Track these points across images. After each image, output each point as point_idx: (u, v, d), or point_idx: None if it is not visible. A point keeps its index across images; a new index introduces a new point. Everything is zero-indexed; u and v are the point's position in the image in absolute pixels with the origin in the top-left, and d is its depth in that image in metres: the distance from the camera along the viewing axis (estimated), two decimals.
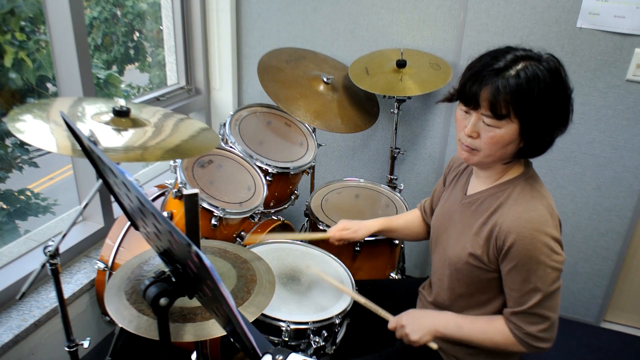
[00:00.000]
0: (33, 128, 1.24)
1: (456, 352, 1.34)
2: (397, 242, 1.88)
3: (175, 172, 1.66)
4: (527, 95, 1.07)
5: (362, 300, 1.43)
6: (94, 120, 1.36)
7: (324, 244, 1.87)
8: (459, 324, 1.28)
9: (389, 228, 1.64)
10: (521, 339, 1.19)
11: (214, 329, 1.09)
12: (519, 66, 1.09)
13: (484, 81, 1.10)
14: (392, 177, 2.35)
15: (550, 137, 1.16)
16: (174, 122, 1.54)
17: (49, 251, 1.31)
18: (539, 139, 1.14)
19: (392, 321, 1.37)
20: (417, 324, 1.31)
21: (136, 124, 1.39)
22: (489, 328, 1.24)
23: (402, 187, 2.29)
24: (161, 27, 2.59)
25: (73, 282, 1.84)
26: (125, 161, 1.24)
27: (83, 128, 1.29)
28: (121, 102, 1.38)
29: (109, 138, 1.30)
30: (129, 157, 1.25)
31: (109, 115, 1.37)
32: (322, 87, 2.14)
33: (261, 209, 1.78)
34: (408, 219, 1.66)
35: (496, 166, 1.23)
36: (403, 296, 1.60)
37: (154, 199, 1.91)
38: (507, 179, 1.23)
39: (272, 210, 2.01)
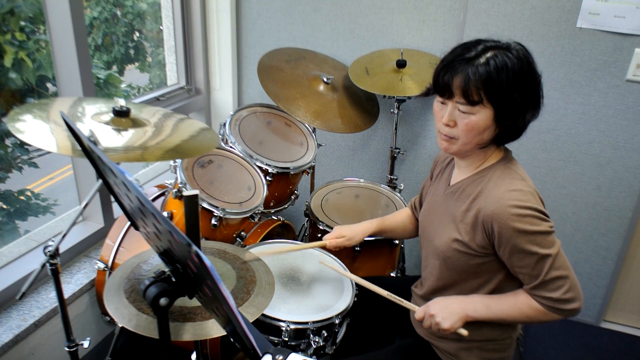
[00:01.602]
0: (33, 128, 1.24)
1: (449, 348, 1.35)
2: (397, 242, 1.88)
3: (175, 172, 1.66)
4: (497, 81, 1.13)
5: (384, 293, 1.41)
6: (94, 120, 1.36)
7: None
8: (487, 304, 1.27)
9: (383, 229, 1.65)
10: (551, 307, 1.20)
11: (214, 329, 1.09)
12: (489, 54, 1.15)
13: (455, 70, 1.15)
14: (392, 177, 2.35)
15: (523, 120, 1.20)
16: (174, 122, 1.54)
17: (49, 251, 1.31)
18: (512, 123, 1.19)
19: (420, 311, 1.33)
20: (447, 311, 1.28)
21: (136, 124, 1.39)
22: (517, 302, 1.24)
23: (402, 187, 2.29)
24: (161, 27, 2.59)
25: (73, 282, 1.84)
26: (125, 161, 1.24)
27: (83, 128, 1.29)
28: (121, 102, 1.38)
29: (109, 138, 1.30)
30: (129, 157, 1.25)
31: (109, 115, 1.37)
32: (322, 87, 2.13)
33: (261, 209, 1.78)
34: (400, 218, 1.68)
35: (475, 154, 1.27)
36: (403, 294, 1.60)
37: (154, 199, 1.91)
38: (487, 165, 1.27)
39: (272, 210, 2.01)
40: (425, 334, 1.42)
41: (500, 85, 1.13)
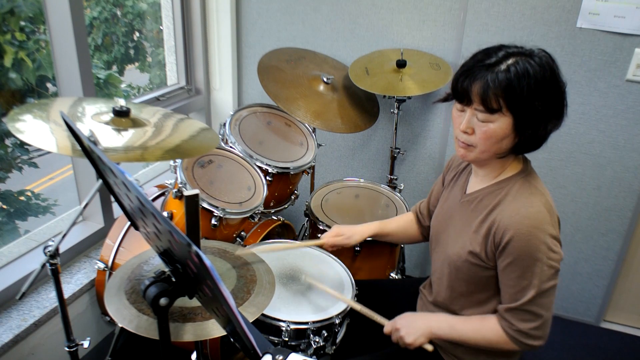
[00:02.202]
0: (33, 128, 1.24)
1: (455, 351, 1.34)
2: None
3: (175, 172, 1.66)
4: (517, 89, 1.09)
5: (357, 307, 1.43)
6: (94, 120, 1.36)
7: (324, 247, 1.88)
8: (452, 324, 1.29)
9: (382, 232, 1.63)
10: (513, 336, 1.19)
11: (214, 329, 1.09)
12: (510, 61, 1.11)
13: (474, 76, 1.12)
14: (392, 177, 2.35)
15: (544, 130, 1.17)
16: (174, 122, 1.54)
17: (49, 251, 1.31)
18: (533, 133, 1.16)
19: (388, 325, 1.37)
20: (411, 326, 1.31)
21: (136, 124, 1.39)
22: (481, 327, 1.25)
23: (402, 187, 2.29)
24: (161, 27, 2.59)
25: (73, 282, 1.84)
26: (125, 161, 1.24)
27: (83, 128, 1.29)
28: (121, 102, 1.38)
29: (109, 138, 1.30)
30: (129, 157, 1.25)
31: (109, 115, 1.37)
32: (322, 87, 2.13)
33: (261, 209, 1.78)
34: (401, 223, 1.66)
35: (493, 163, 1.24)
36: (403, 296, 1.60)
37: (154, 199, 1.91)
38: (506, 176, 1.24)
39: (272, 210, 2.01)
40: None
41: (521, 93, 1.09)
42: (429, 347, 1.31)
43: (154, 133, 1.39)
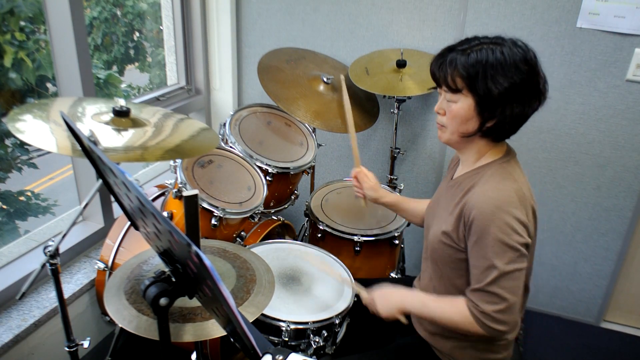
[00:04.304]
0: (33, 128, 1.24)
1: (444, 347, 1.36)
2: (397, 242, 1.88)
3: (175, 172, 1.66)
4: (472, 72, 1.16)
5: (339, 277, 1.50)
6: (94, 120, 1.35)
7: (323, 244, 1.88)
8: (424, 302, 1.32)
9: (400, 206, 1.68)
10: (477, 317, 1.20)
11: (214, 329, 1.09)
12: (476, 47, 1.19)
13: (442, 60, 1.22)
14: (392, 177, 2.35)
15: (504, 115, 1.19)
16: (174, 122, 1.54)
17: (49, 251, 1.31)
18: (491, 116, 1.20)
19: (365, 296, 1.42)
20: (385, 299, 1.36)
21: (136, 124, 1.39)
22: (450, 307, 1.27)
23: (402, 187, 2.29)
24: (161, 27, 2.59)
25: (73, 282, 1.84)
26: (125, 161, 1.24)
27: (83, 128, 1.29)
28: (121, 102, 1.38)
29: (109, 138, 1.30)
30: (129, 157, 1.25)
31: (109, 115, 1.37)
32: (322, 87, 2.13)
33: (261, 209, 1.78)
34: (419, 206, 1.67)
35: (469, 147, 1.30)
36: None
37: (154, 199, 1.91)
38: (485, 162, 1.29)
39: (272, 210, 2.01)
40: (425, 334, 1.42)
41: (476, 76, 1.17)
42: (403, 320, 1.36)
43: (154, 133, 1.39)
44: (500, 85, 1.16)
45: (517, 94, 1.18)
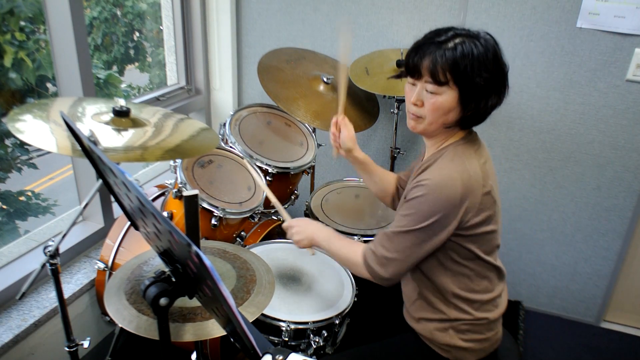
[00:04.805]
0: (33, 128, 1.24)
1: (425, 331, 1.36)
2: None
3: (175, 172, 1.66)
4: (461, 66, 1.19)
5: (273, 199, 1.55)
6: (94, 120, 1.35)
7: None
8: (330, 238, 1.41)
9: (368, 167, 1.63)
10: (365, 253, 1.30)
11: (214, 329, 1.09)
12: (457, 40, 1.21)
13: (424, 52, 1.23)
14: None
15: (485, 105, 1.25)
16: (174, 122, 1.54)
17: (49, 251, 1.31)
18: (476, 106, 1.24)
19: (287, 222, 1.49)
20: (301, 229, 1.45)
21: (136, 124, 1.39)
22: (350, 245, 1.37)
23: None
24: (161, 27, 2.59)
25: (73, 282, 1.84)
26: (125, 161, 1.24)
27: (83, 128, 1.29)
28: (121, 102, 1.38)
29: (109, 138, 1.30)
30: (128, 157, 1.25)
31: (109, 115, 1.37)
32: (322, 87, 2.13)
33: (261, 209, 1.78)
34: (385, 175, 1.66)
35: (439, 134, 1.32)
36: (400, 294, 1.60)
37: (154, 199, 1.91)
38: (446, 144, 1.32)
39: (272, 210, 2.01)
40: (411, 321, 1.41)
41: (465, 69, 1.19)
42: (312, 252, 1.48)
43: (154, 133, 1.39)
44: (484, 77, 1.20)
45: (495, 86, 1.23)
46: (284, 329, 1.39)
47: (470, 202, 1.21)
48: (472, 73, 1.19)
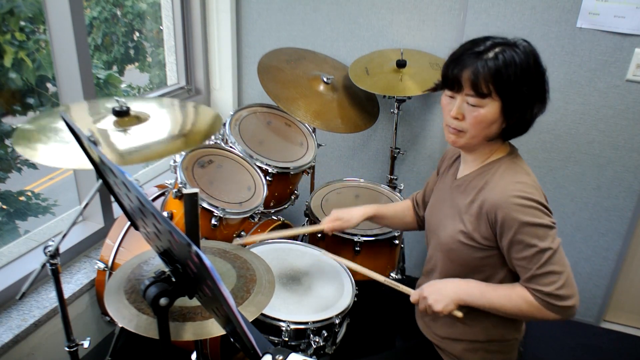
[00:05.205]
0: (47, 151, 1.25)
1: (454, 350, 1.35)
2: (397, 241, 1.88)
3: (175, 172, 1.66)
4: (504, 76, 1.15)
5: (381, 278, 1.41)
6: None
7: (324, 244, 1.88)
8: (482, 290, 1.26)
9: (379, 214, 1.63)
10: (544, 300, 1.18)
11: (214, 329, 1.09)
12: (497, 49, 1.17)
13: (464, 64, 1.18)
14: (392, 177, 2.35)
15: (531, 114, 1.22)
16: (191, 109, 1.61)
17: (49, 251, 1.31)
18: (520, 116, 1.21)
19: (414, 294, 1.34)
20: (440, 293, 1.28)
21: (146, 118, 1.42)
22: (511, 293, 1.23)
23: (402, 187, 2.29)
24: (161, 27, 2.59)
25: (73, 282, 1.84)
26: (173, 152, 1.41)
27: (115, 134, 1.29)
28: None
29: (152, 131, 1.35)
30: (176, 146, 1.35)
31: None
32: (322, 87, 2.13)
33: (261, 209, 1.78)
34: (398, 208, 1.66)
35: (481, 148, 1.28)
36: (403, 296, 1.60)
37: (154, 199, 1.91)
38: (493, 159, 1.29)
39: (272, 210, 2.01)
40: (434, 337, 1.41)
41: (509, 79, 1.15)
42: (459, 314, 1.28)
43: (183, 121, 1.47)
44: (528, 86, 1.17)
45: (539, 93, 1.21)
46: (283, 329, 1.39)
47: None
48: (516, 82, 1.16)
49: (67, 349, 1.45)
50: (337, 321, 1.46)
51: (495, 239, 1.23)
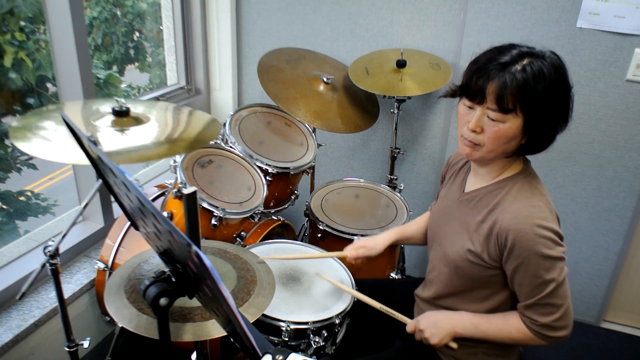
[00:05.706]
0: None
1: (454, 352, 1.34)
2: None
3: (175, 172, 1.66)
4: (533, 90, 1.08)
5: (377, 305, 1.43)
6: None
7: (323, 244, 1.88)
8: (475, 323, 1.27)
9: (404, 237, 1.62)
10: (537, 331, 1.18)
11: (214, 329, 1.09)
12: (525, 61, 1.10)
13: (490, 75, 1.10)
14: (392, 177, 2.35)
15: (553, 132, 1.16)
16: (185, 115, 1.58)
17: (49, 251, 1.31)
18: (542, 135, 1.15)
19: (410, 325, 1.37)
20: (436, 327, 1.31)
21: (154, 120, 1.42)
22: (505, 325, 1.24)
23: (402, 187, 2.29)
24: (161, 27, 2.59)
25: (73, 282, 1.84)
26: (156, 158, 1.36)
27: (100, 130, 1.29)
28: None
29: (135, 137, 1.33)
30: (159, 152, 1.31)
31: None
32: (322, 87, 2.13)
33: (261, 209, 1.78)
34: (421, 224, 1.62)
35: (496, 163, 1.23)
36: (403, 296, 1.60)
37: (154, 199, 1.91)
38: (506, 176, 1.24)
39: (272, 210, 2.01)
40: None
41: (537, 94, 1.08)
42: (454, 345, 1.31)
43: (173, 127, 1.44)
44: (556, 103, 1.11)
45: (563, 111, 1.14)
46: (283, 329, 1.39)
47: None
48: (543, 98, 1.09)
49: (67, 349, 1.45)
50: (337, 321, 1.46)
51: (501, 260, 1.20)
